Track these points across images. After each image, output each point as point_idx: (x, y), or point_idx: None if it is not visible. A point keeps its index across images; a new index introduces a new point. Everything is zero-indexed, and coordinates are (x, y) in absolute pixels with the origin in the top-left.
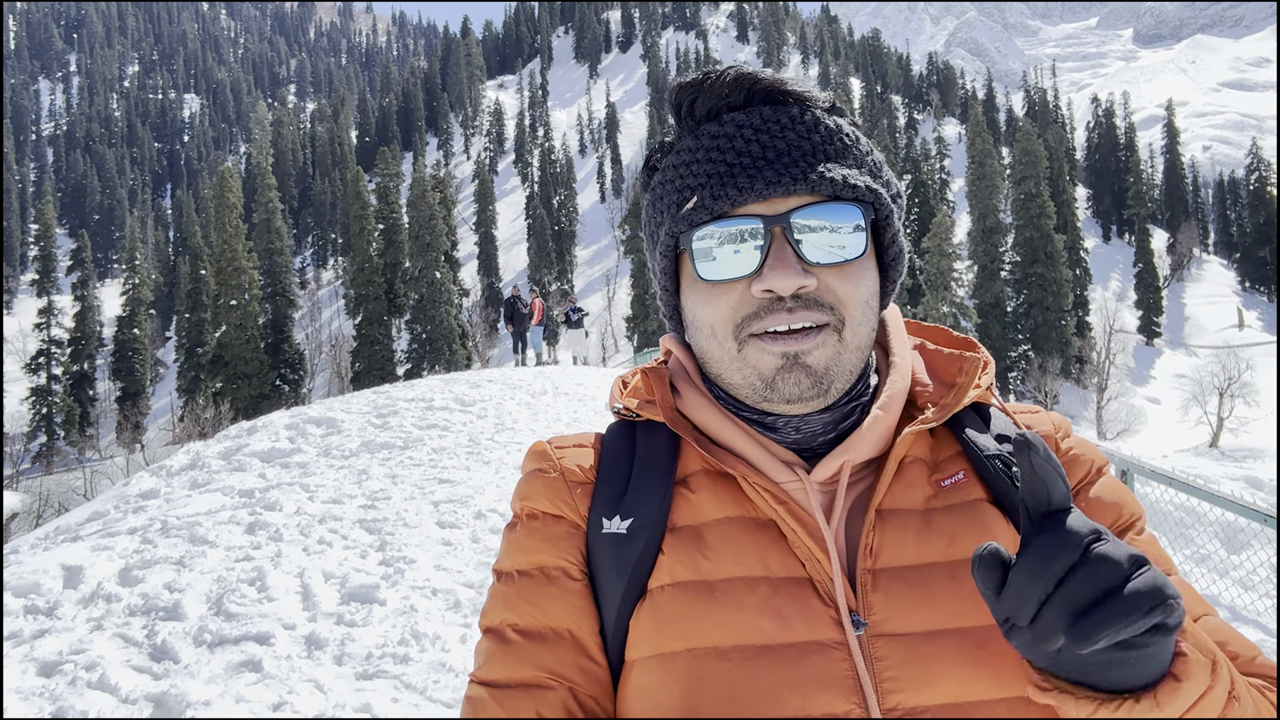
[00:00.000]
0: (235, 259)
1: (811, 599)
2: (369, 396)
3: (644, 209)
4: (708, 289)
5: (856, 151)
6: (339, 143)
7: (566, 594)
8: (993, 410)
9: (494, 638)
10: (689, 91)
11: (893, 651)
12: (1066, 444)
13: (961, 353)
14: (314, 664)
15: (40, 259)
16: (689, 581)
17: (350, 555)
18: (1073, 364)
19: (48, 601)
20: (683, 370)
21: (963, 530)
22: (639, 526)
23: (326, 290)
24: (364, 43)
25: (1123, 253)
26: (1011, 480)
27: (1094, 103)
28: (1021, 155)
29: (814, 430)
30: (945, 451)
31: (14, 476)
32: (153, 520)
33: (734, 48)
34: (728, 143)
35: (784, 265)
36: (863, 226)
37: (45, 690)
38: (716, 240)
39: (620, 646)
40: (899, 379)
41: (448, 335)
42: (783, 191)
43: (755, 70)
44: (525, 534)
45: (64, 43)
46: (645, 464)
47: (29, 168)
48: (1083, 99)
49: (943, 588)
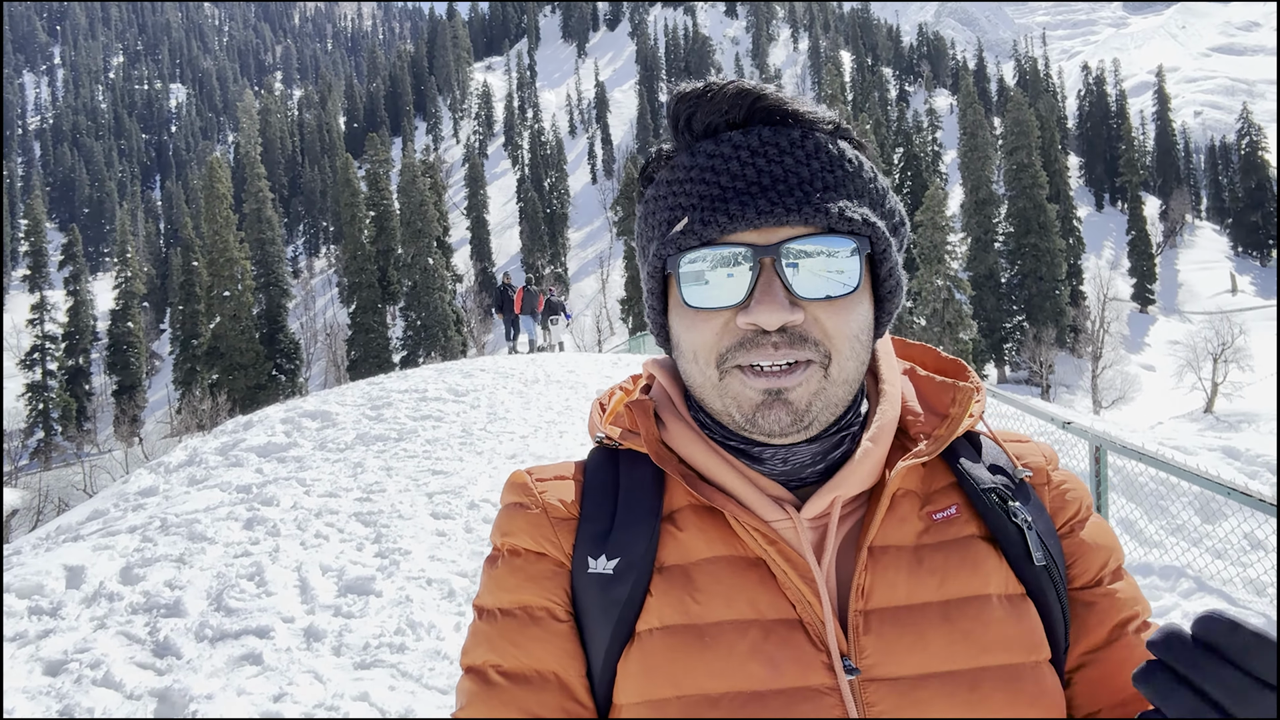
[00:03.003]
0: (227, 249)
1: (803, 643)
2: (363, 388)
3: (637, 221)
4: (693, 314)
5: (858, 180)
6: (327, 129)
7: (551, 635)
8: (983, 439)
9: (477, 678)
10: (687, 104)
11: (885, 697)
12: (1058, 477)
13: (955, 381)
14: (313, 655)
15: (31, 254)
16: (678, 625)
17: (347, 548)
18: (1067, 333)
19: (51, 602)
20: (667, 399)
21: (956, 568)
22: (626, 567)
23: (320, 279)
24: (349, 27)
25: (1116, 221)
26: (1007, 515)
27: (1085, 70)
28: (1013, 125)
29: (802, 461)
30: (937, 483)
31: (13, 473)
32: (152, 518)
33: (722, 23)
34: (723, 164)
35: (770, 299)
36: (857, 260)
37: (52, 689)
38: (704, 267)
39: (607, 690)
40: (889, 408)
41: (442, 321)
42: (775, 221)
43: (758, 86)
44: (507, 571)
45: (47, 35)
46: (630, 499)
47: (16, 162)
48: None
49: (934, 629)
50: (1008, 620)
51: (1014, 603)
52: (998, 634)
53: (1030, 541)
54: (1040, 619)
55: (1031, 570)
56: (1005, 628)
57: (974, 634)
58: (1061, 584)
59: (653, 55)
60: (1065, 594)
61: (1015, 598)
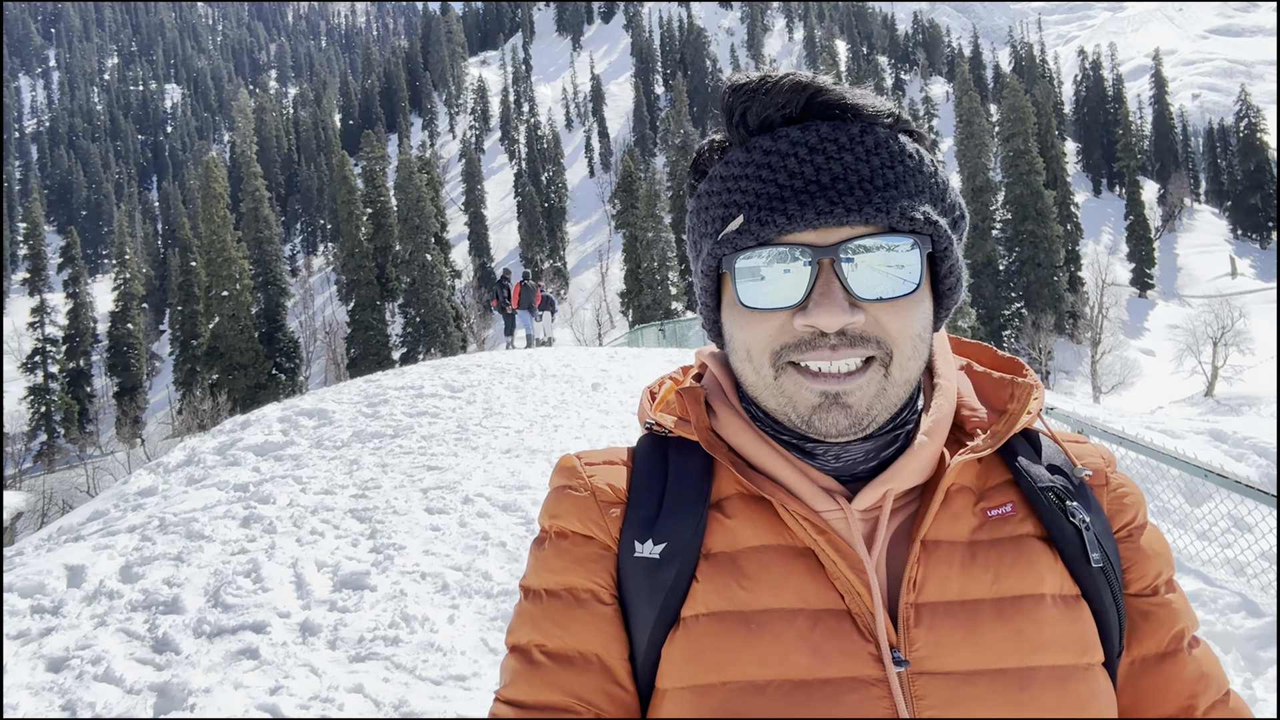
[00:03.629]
0: (225, 249)
1: (851, 633)
2: (360, 386)
3: (688, 215)
4: (748, 314)
5: (919, 176)
6: (323, 127)
7: (596, 618)
8: (1042, 438)
9: (521, 657)
10: (742, 97)
11: (934, 690)
12: (1116, 480)
13: (1013, 378)
14: (309, 649)
15: (30, 257)
16: (725, 612)
17: (342, 544)
18: (1066, 320)
19: (53, 600)
20: (718, 388)
21: (1009, 566)
22: (672, 552)
23: (318, 277)
24: (343, 24)
25: (1114, 206)
26: (1066, 515)
27: (1081, 55)
28: (1009, 112)
29: (855, 458)
30: (993, 480)
31: (16, 476)
32: (151, 518)
33: (717, 14)
34: (780, 161)
35: (830, 301)
36: (918, 259)
37: (54, 685)
38: (761, 266)
39: (650, 673)
40: (944, 403)
41: (442, 318)
42: (835, 222)
43: (815, 78)
44: (554, 553)
45: (42, 38)
46: (679, 486)
47: (14, 166)
48: (1069, 52)
49: (987, 625)
50: (1061, 621)
51: (1068, 604)
52: (1051, 634)
53: (1088, 542)
54: (1094, 621)
55: (1087, 571)
56: (1059, 628)
57: (1027, 632)
58: (1118, 587)
59: (648, 48)
60: (1121, 597)
61: (1070, 598)
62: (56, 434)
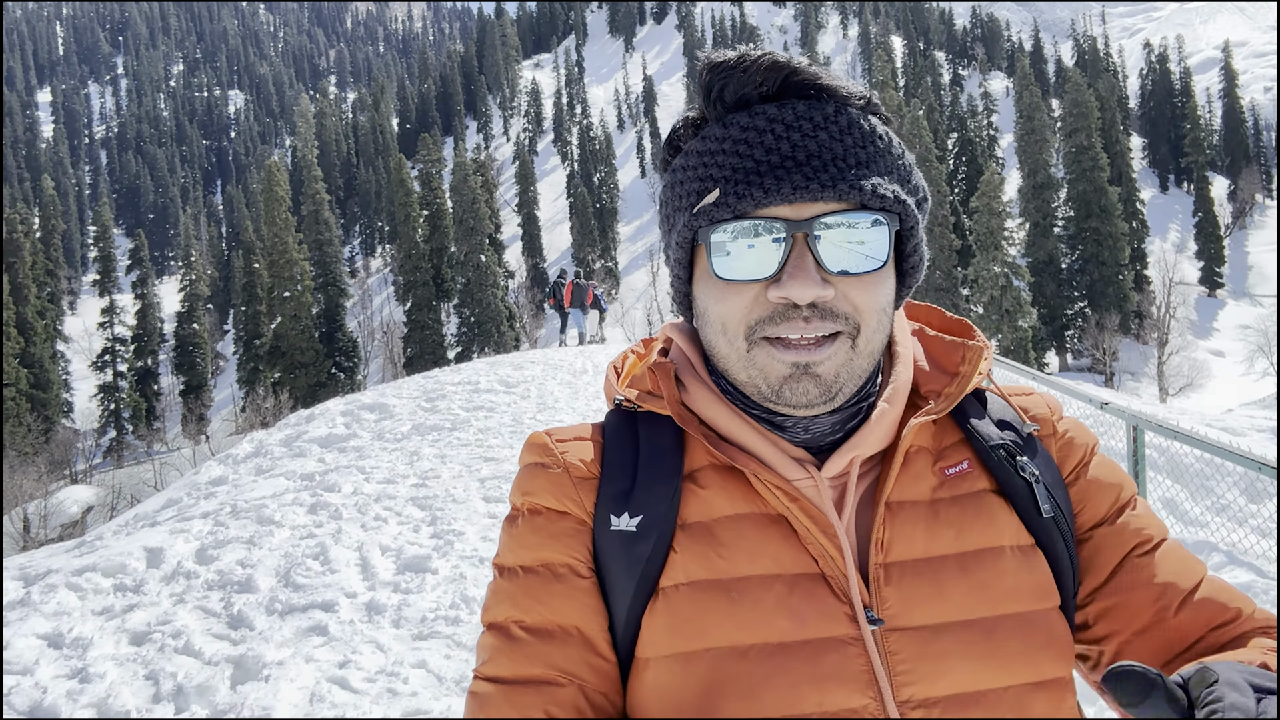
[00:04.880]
0: (286, 251)
1: (826, 596)
2: (419, 382)
3: (662, 189)
4: (722, 286)
5: (888, 156)
6: (381, 131)
7: (574, 591)
8: (989, 395)
9: (499, 634)
10: (720, 75)
11: (906, 645)
12: (1062, 426)
13: (963, 340)
14: (374, 627)
15: (100, 260)
16: (704, 580)
17: (404, 530)
18: (1131, 319)
19: (134, 579)
20: (686, 362)
21: (970, 521)
22: (649, 524)
23: (376, 278)
24: (400, 29)
25: (1181, 202)
26: (1015, 469)
27: (1146, 48)
28: (1072, 107)
29: (822, 430)
30: (948, 439)
31: (87, 471)
32: (223, 505)
33: (770, 12)
34: (757, 137)
35: (803, 274)
36: (887, 236)
37: (137, 657)
38: (736, 239)
39: (630, 644)
40: (903, 370)
41: (495, 317)
42: (810, 197)
43: (791, 59)
44: (529, 529)
45: (110, 46)
46: (651, 458)
47: (84, 171)
48: (1135, 45)
49: (953, 580)
50: (1020, 570)
51: (1025, 553)
52: (1012, 583)
53: (1038, 495)
54: (1050, 567)
55: (1040, 523)
56: (1018, 577)
57: (990, 584)
58: (1069, 534)
59: (700, 47)
60: (1073, 543)
61: (1026, 548)
62: (125, 430)
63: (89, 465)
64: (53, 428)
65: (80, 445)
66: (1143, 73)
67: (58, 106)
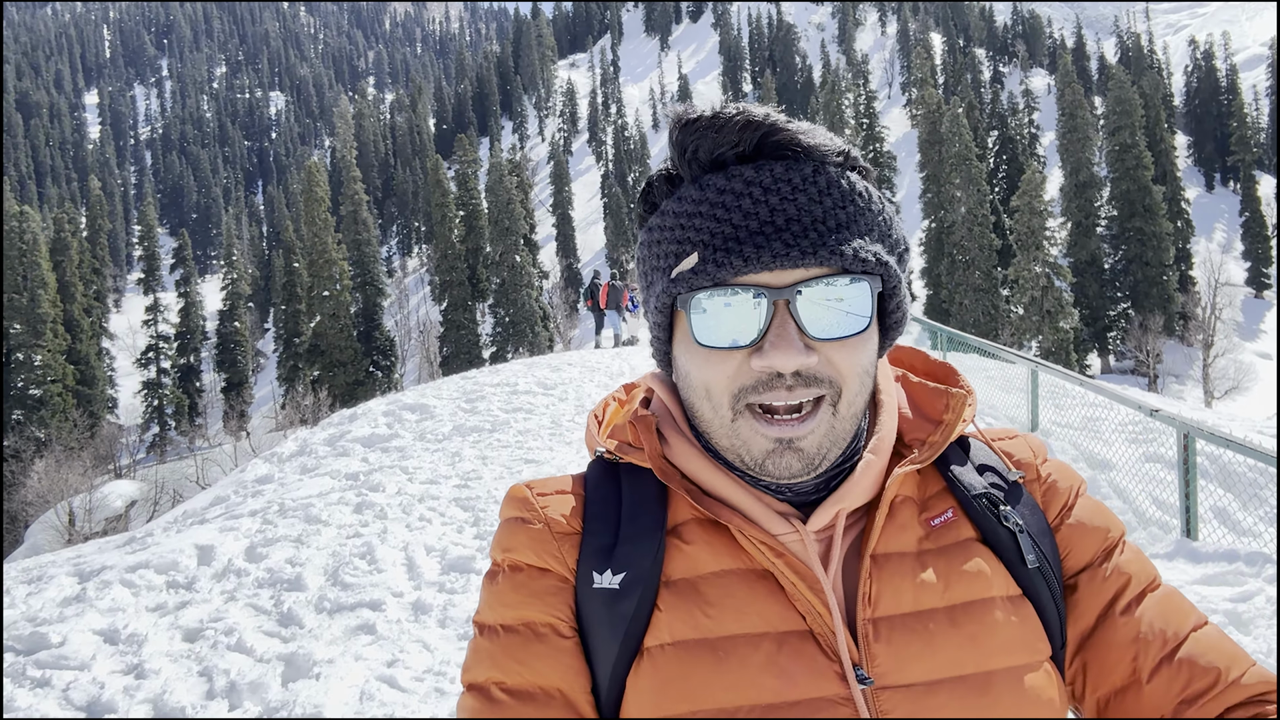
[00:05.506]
0: (326, 251)
1: (815, 654)
2: (457, 382)
3: (639, 246)
4: (705, 352)
5: (868, 215)
6: (418, 132)
7: (556, 652)
8: (972, 441)
9: (479, 695)
10: (693, 134)
11: (898, 704)
12: (1045, 470)
13: (947, 388)
14: (421, 627)
15: (145, 258)
16: (690, 640)
17: (448, 530)
18: (1176, 321)
19: (186, 577)
20: (669, 415)
21: (958, 572)
22: (632, 581)
23: (413, 278)
24: (438, 30)
25: (1228, 201)
26: (999, 519)
27: (1192, 45)
28: (1115, 105)
29: (807, 490)
30: (932, 488)
31: (131, 466)
32: (270, 503)
33: (807, 10)
34: (734, 200)
35: (785, 343)
36: (869, 298)
37: (191, 653)
38: (716, 306)
39: (615, 706)
40: (888, 419)
41: (530, 318)
42: (790, 264)
43: (767, 116)
44: (509, 587)
45: (155, 49)
46: (634, 512)
47: (130, 171)
48: (1179, 42)
49: (943, 634)
50: (1010, 622)
51: (1014, 604)
52: (1004, 636)
53: (1022, 545)
54: (1039, 617)
55: (1025, 572)
56: (1009, 630)
57: (980, 638)
58: (1056, 583)
59: (736, 46)
60: (1060, 592)
61: (1015, 599)
62: (168, 426)
63: (133, 460)
64: (98, 423)
65: (124, 440)
66: (1187, 70)
67: (104, 108)
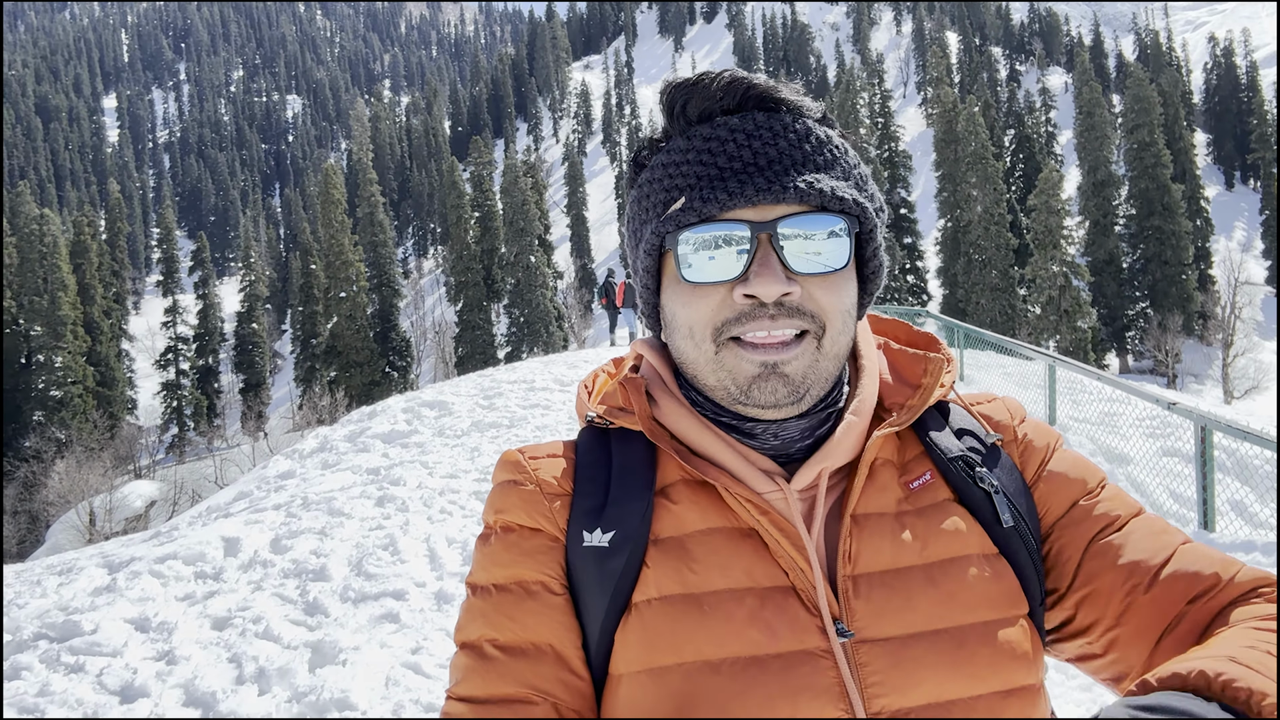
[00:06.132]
0: (342, 252)
1: (797, 609)
2: (475, 380)
3: (628, 205)
4: (690, 290)
5: (845, 163)
6: (433, 134)
7: (547, 608)
8: (951, 406)
9: (472, 653)
10: (682, 92)
11: (876, 657)
12: (1022, 430)
13: (925, 353)
14: (444, 615)
15: (164, 261)
16: (677, 595)
17: (468, 523)
18: (1195, 320)
19: (213, 567)
20: (657, 377)
21: (935, 533)
22: (621, 539)
23: (428, 279)
24: (453, 33)
25: (1248, 200)
26: (974, 480)
27: (1211, 42)
28: (1133, 102)
29: (792, 436)
30: (911, 452)
31: (151, 466)
32: (294, 497)
33: (822, 10)
34: (719, 145)
35: (769, 272)
36: (847, 238)
37: (220, 641)
38: (702, 243)
39: (604, 660)
40: (869, 383)
41: (544, 318)
42: (772, 199)
43: (750, 75)
44: (501, 547)
45: (173, 53)
46: (623, 474)
47: (148, 174)
48: (1198, 39)
49: (920, 591)
50: (987, 579)
51: (991, 562)
52: (979, 593)
53: (998, 505)
54: (1015, 575)
55: (1001, 532)
56: (985, 586)
57: (957, 594)
58: (1033, 541)
59: (750, 46)
60: (1037, 550)
61: (991, 557)
62: (187, 427)
63: (152, 460)
64: (117, 424)
65: (144, 441)
66: (1207, 67)
67: (123, 112)
